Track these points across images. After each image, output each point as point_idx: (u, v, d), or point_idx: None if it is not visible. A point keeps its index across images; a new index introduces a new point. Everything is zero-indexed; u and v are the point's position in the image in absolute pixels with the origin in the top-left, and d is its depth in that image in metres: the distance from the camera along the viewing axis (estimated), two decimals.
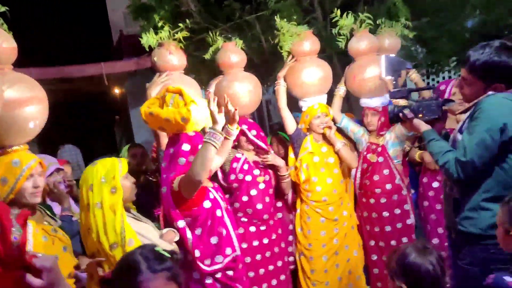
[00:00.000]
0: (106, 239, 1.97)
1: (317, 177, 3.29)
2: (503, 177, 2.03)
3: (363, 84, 3.45)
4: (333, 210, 3.30)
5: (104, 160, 2.13)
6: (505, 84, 2.03)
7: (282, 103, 3.36)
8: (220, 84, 3.28)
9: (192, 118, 2.32)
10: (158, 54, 3.02)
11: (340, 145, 3.32)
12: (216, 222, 2.50)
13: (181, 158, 2.45)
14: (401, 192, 3.39)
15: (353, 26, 3.47)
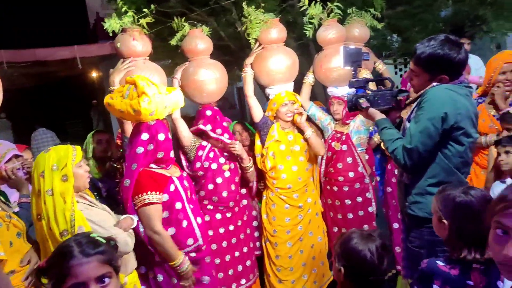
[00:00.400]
0: (56, 226, 1.98)
1: (283, 165, 3.32)
2: (447, 164, 2.15)
3: (329, 73, 3.48)
4: (298, 197, 3.35)
5: (58, 147, 2.13)
6: (449, 76, 2.14)
7: (249, 90, 3.35)
8: (187, 70, 3.25)
9: (146, 109, 2.33)
10: (121, 40, 2.96)
11: (310, 132, 3.35)
12: (175, 214, 2.54)
13: (139, 147, 2.49)
14: (363, 180, 3.46)
15: (321, 15, 3.46)
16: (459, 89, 2.14)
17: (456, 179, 2.12)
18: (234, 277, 3.24)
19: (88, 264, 1.23)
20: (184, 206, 2.57)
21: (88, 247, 1.26)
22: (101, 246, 1.28)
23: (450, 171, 2.16)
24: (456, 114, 2.08)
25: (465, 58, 2.13)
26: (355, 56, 2.52)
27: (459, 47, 2.10)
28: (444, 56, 2.09)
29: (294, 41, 5.89)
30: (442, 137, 2.12)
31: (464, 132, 2.12)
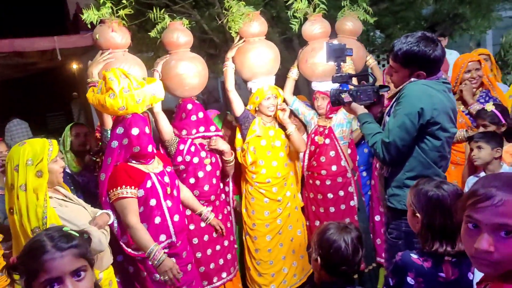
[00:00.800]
0: (28, 223, 1.96)
1: (263, 160, 3.33)
2: (424, 158, 2.22)
3: (314, 68, 3.48)
4: (277, 191, 3.37)
5: (34, 141, 2.09)
6: (426, 72, 2.19)
7: (230, 84, 3.32)
8: (168, 64, 3.21)
9: (111, 104, 2.34)
10: (100, 31, 2.92)
11: (292, 129, 3.36)
12: (149, 210, 2.54)
13: (114, 141, 2.50)
14: (346, 174, 3.49)
15: (306, 9, 3.47)
16: (436, 84, 2.19)
17: (432, 172, 2.18)
18: (215, 270, 3.24)
19: (62, 258, 1.21)
20: (159, 203, 2.57)
21: (61, 241, 1.23)
22: (75, 239, 1.26)
23: (427, 165, 2.22)
24: (432, 109, 2.13)
25: (441, 55, 2.17)
26: (338, 52, 2.55)
27: (435, 44, 2.15)
28: (420, 53, 2.14)
29: (278, 35, 5.90)
30: (419, 132, 2.17)
31: (440, 127, 2.17)
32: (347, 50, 2.59)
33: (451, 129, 2.23)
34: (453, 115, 2.24)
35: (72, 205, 2.22)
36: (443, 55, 2.19)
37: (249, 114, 3.38)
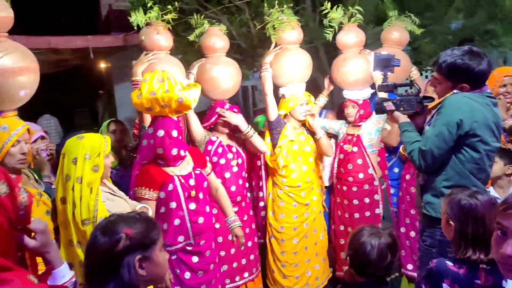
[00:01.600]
0: (79, 214, 2.02)
1: (295, 164, 3.41)
2: (461, 168, 2.27)
3: (346, 76, 3.56)
4: (305, 195, 3.45)
5: (92, 136, 2.17)
6: (470, 85, 2.25)
7: (268, 89, 3.38)
8: (203, 67, 3.34)
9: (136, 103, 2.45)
10: (146, 33, 3.07)
11: (321, 133, 3.46)
12: (168, 211, 2.61)
13: (144, 140, 2.60)
14: (372, 182, 3.55)
15: (342, 19, 3.55)
16: (479, 98, 2.23)
17: (469, 183, 2.22)
18: (238, 269, 3.32)
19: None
20: (179, 206, 2.60)
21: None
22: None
23: (464, 175, 2.26)
24: (471, 122, 2.18)
25: (485, 69, 2.21)
26: (386, 62, 2.64)
27: (481, 58, 2.20)
28: (464, 66, 2.20)
29: (305, 44, 6.00)
30: (457, 142, 2.23)
31: (480, 139, 2.21)
32: (395, 61, 2.68)
33: (493, 143, 2.26)
34: (496, 129, 2.26)
35: (117, 199, 2.30)
36: (488, 69, 2.23)
37: (281, 119, 3.46)
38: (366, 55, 3.56)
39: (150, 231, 1.40)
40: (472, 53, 2.21)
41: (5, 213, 1.21)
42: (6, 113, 2.17)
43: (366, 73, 3.52)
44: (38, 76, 2.31)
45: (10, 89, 2.14)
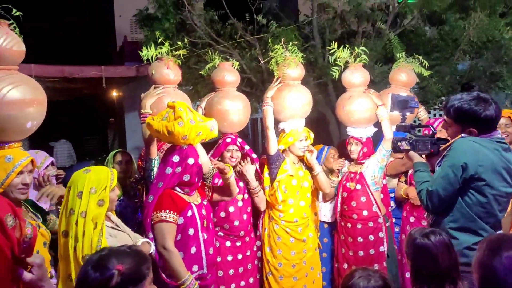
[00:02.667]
0: (81, 249, 2.01)
1: (293, 199, 3.40)
2: (467, 211, 2.27)
3: (351, 114, 3.61)
4: (302, 231, 3.42)
5: (99, 170, 2.19)
6: (477, 129, 2.28)
7: (269, 123, 3.43)
8: (212, 100, 3.42)
9: (179, 132, 2.48)
10: (156, 67, 3.15)
11: (319, 169, 3.47)
12: (186, 239, 2.62)
13: (168, 167, 2.61)
14: (377, 220, 3.53)
15: (348, 58, 3.63)
16: (487, 142, 2.25)
17: (476, 226, 2.23)
18: None
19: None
20: (196, 233, 2.65)
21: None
22: None
23: (470, 217, 2.26)
24: (476, 165, 2.20)
25: (493, 115, 2.24)
26: (403, 103, 2.72)
27: (488, 104, 2.24)
28: (470, 111, 2.24)
29: (314, 79, 6.09)
30: (463, 185, 2.24)
31: (486, 184, 2.22)
32: (412, 102, 2.74)
33: (502, 187, 2.25)
34: (507, 174, 2.25)
35: (120, 235, 2.30)
36: (496, 115, 2.25)
37: (280, 153, 3.47)
38: (370, 94, 3.60)
39: (141, 265, 1.41)
40: (479, 99, 2.25)
41: (11, 245, 1.22)
42: (12, 144, 2.22)
43: (370, 112, 3.57)
44: (45, 108, 2.36)
45: (18, 121, 2.20)
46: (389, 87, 3.98)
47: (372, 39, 6.08)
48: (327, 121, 6.64)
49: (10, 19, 2.25)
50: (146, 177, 3.04)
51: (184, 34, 6.17)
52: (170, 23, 6.01)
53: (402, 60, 3.91)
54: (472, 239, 2.22)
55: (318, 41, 6.32)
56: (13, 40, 2.24)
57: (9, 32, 2.24)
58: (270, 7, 7.08)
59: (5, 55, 2.20)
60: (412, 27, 6.19)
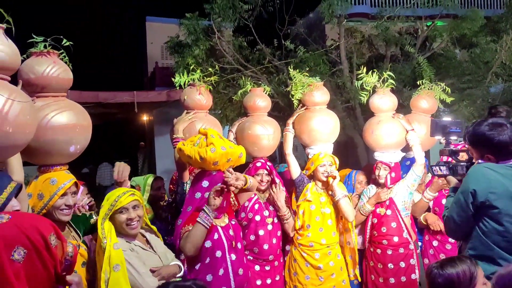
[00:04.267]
0: (98, 259, 2.14)
1: (311, 224, 3.35)
2: (484, 239, 2.20)
3: (379, 139, 3.58)
4: (319, 258, 3.33)
5: (114, 191, 2.32)
6: (494, 155, 2.23)
7: (288, 149, 3.47)
8: (243, 125, 3.48)
9: (211, 157, 2.53)
10: (188, 93, 3.25)
11: (340, 195, 3.32)
12: (214, 261, 2.62)
13: (198, 192, 2.64)
14: (408, 246, 3.45)
15: (376, 83, 3.65)
16: (503, 169, 2.18)
17: (496, 255, 2.15)
18: None
19: None
20: (224, 255, 2.64)
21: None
22: None
23: (488, 246, 2.18)
24: (487, 192, 2.14)
25: (507, 140, 2.16)
26: (443, 128, 2.75)
27: (502, 129, 2.17)
28: (484, 137, 2.20)
29: (342, 103, 6.12)
30: (477, 212, 2.20)
31: (501, 211, 2.14)
32: (452, 127, 2.74)
33: None
34: None
35: (144, 252, 2.34)
36: (510, 139, 2.17)
37: (305, 178, 3.46)
38: (399, 119, 3.60)
39: None
40: (494, 124, 2.19)
41: (54, 263, 1.29)
42: (57, 167, 2.32)
43: (399, 136, 3.54)
44: (89, 133, 2.48)
45: (62, 145, 2.30)
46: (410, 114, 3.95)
47: (401, 63, 6.08)
48: (355, 145, 6.62)
49: (61, 49, 2.38)
50: (178, 201, 3.09)
51: (214, 60, 6.34)
52: (200, 50, 6.18)
53: (425, 86, 3.88)
54: (490, 268, 2.11)
55: (345, 65, 6.36)
56: (60, 68, 2.36)
57: (57, 60, 2.38)
58: (298, 32, 7.19)
59: (52, 82, 2.32)
60: (441, 50, 6.17)
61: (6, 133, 1.79)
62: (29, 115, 1.91)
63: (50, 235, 1.30)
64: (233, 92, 6.34)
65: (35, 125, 1.99)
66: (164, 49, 9.15)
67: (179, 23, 6.69)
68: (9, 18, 1.89)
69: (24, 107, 1.86)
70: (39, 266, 1.28)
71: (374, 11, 7.29)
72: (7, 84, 1.89)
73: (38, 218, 1.39)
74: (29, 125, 1.93)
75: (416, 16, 6.41)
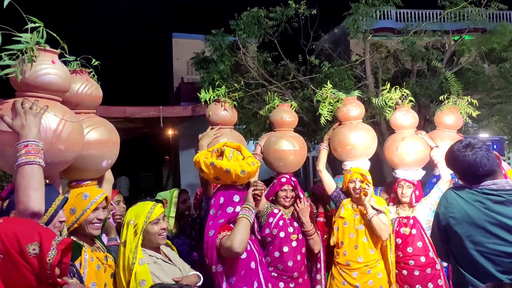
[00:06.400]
0: (124, 275, 2.13)
1: (345, 241, 3.31)
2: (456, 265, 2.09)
3: (405, 156, 3.52)
4: (357, 276, 3.27)
5: (141, 204, 2.32)
6: (463, 178, 2.11)
7: (321, 165, 3.46)
8: (270, 139, 3.47)
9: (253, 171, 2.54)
10: (213, 109, 3.28)
11: (372, 213, 3.22)
12: (249, 273, 2.59)
13: (229, 207, 2.60)
14: (435, 266, 3.36)
15: (398, 100, 3.61)
16: (467, 193, 2.04)
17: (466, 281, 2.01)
18: None
19: None
20: (257, 268, 2.62)
21: None
22: None
23: (460, 273, 2.06)
24: (447, 217, 2.06)
25: (471, 161, 2.00)
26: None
27: (470, 150, 2.02)
28: (450, 155, 2.10)
29: (367, 119, 6.06)
30: (445, 236, 2.12)
31: (460, 236, 2.01)
32: (488, 144, 2.62)
33: (492, 245, 1.94)
34: (500, 229, 1.93)
35: (166, 265, 2.34)
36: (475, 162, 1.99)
37: (341, 194, 3.43)
38: (423, 136, 3.55)
39: None
40: (465, 145, 2.06)
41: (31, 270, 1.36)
42: (88, 182, 2.39)
43: (424, 153, 3.49)
44: (118, 148, 2.55)
45: (94, 160, 2.36)
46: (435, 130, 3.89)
47: (428, 78, 6.00)
48: (380, 161, 6.52)
49: (90, 68, 2.47)
50: (202, 216, 3.09)
51: (239, 75, 6.40)
52: (225, 65, 6.26)
53: (450, 101, 3.83)
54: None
55: (371, 80, 6.32)
56: (93, 86, 2.46)
57: (89, 79, 2.47)
58: (323, 47, 7.20)
59: (85, 99, 2.42)
60: (469, 65, 6.06)
61: (59, 150, 1.94)
62: (78, 134, 2.07)
63: (30, 244, 1.36)
64: (258, 107, 6.40)
65: (82, 143, 2.14)
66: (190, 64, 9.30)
67: (205, 39, 6.82)
68: (64, 44, 2.01)
69: (74, 127, 2.02)
70: (13, 271, 1.36)
71: (400, 26, 7.25)
72: (60, 105, 2.04)
73: (26, 226, 1.45)
74: (78, 143, 2.08)
75: (443, 30, 6.33)
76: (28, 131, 1.73)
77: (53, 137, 1.90)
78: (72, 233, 2.14)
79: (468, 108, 3.78)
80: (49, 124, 1.89)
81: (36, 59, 1.89)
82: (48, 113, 1.88)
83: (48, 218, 1.83)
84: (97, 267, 2.11)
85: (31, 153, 1.70)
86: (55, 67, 1.97)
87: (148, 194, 8.77)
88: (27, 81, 1.89)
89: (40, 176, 1.70)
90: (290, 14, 6.36)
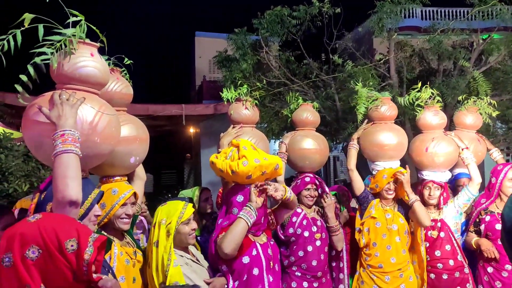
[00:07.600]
0: (157, 276, 2.12)
1: (377, 242, 3.24)
2: None
3: (436, 157, 3.44)
4: (389, 281, 3.19)
5: (172, 203, 2.31)
6: None
7: (351, 164, 3.40)
8: (294, 138, 3.46)
9: (243, 171, 2.43)
10: (235, 108, 3.28)
11: (414, 198, 3.16)
12: (251, 279, 2.53)
13: (234, 208, 2.55)
14: (463, 270, 3.28)
15: (428, 100, 3.54)
16: None
17: None
18: None
19: None
20: (261, 274, 2.54)
21: None
22: None
23: None
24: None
25: None
26: None
27: None
28: None
29: None
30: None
31: None
32: None
33: None
34: None
35: (196, 266, 2.35)
36: None
37: (369, 195, 3.36)
38: (452, 137, 3.47)
39: None
40: None
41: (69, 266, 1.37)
42: (117, 178, 2.42)
43: (453, 155, 3.42)
44: (147, 145, 2.56)
45: (123, 156, 2.38)
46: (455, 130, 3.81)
47: (454, 77, 5.86)
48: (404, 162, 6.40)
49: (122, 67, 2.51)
50: None
51: (261, 74, 6.39)
52: (248, 64, 6.26)
53: (470, 102, 3.75)
54: None
55: (395, 79, 6.22)
56: (123, 84, 2.50)
57: (120, 77, 2.51)
58: (346, 46, 7.12)
59: (115, 97, 2.45)
60: (498, 64, 5.90)
61: (94, 143, 1.94)
62: (114, 127, 2.06)
63: (68, 240, 1.36)
64: (279, 106, 6.37)
65: (118, 137, 2.14)
66: (212, 63, 9.37)
67: (227, 38, 6.82)
68: (104, 38, 2.04)
69: (111, 120, 2.02)
70: (52, 266, 1.37)
71: (425, 24, 7.10)
72: (97, 97, 2.05)
73: (65, 222, 1.45)
74: (114, 136, 2.08)
75: (471, 29, 6.18)
76: (65, 121, 1.72)
77: (89, 129, 1.90)
78: (102, 228, 2.17)
79: (488, 109, 3.67)
80: (85, 116, 1.89)
81: (75, 52, 1.91)
82: (84, 104, 1.88)
83: (84, 211, 1.85)
84: (126, 262, 2.13)
85: (68, 142, 1.69)
86: (94, 59, 1.99)
87: (170, 191, 8.83)
88: (65, 73, 1.91)
89: (77, 165, 1.69)
90: (313, 13, 6.31)
